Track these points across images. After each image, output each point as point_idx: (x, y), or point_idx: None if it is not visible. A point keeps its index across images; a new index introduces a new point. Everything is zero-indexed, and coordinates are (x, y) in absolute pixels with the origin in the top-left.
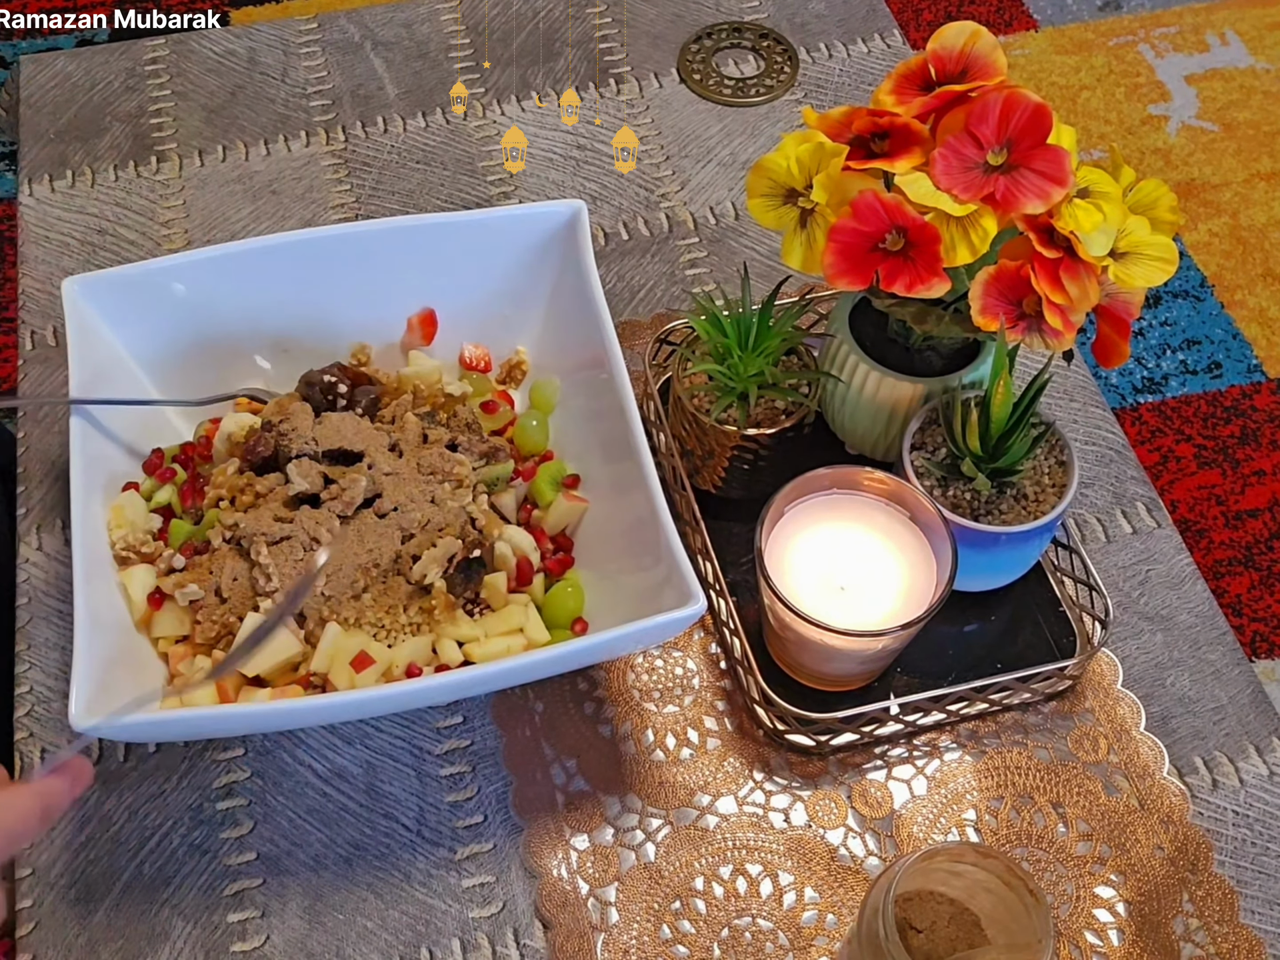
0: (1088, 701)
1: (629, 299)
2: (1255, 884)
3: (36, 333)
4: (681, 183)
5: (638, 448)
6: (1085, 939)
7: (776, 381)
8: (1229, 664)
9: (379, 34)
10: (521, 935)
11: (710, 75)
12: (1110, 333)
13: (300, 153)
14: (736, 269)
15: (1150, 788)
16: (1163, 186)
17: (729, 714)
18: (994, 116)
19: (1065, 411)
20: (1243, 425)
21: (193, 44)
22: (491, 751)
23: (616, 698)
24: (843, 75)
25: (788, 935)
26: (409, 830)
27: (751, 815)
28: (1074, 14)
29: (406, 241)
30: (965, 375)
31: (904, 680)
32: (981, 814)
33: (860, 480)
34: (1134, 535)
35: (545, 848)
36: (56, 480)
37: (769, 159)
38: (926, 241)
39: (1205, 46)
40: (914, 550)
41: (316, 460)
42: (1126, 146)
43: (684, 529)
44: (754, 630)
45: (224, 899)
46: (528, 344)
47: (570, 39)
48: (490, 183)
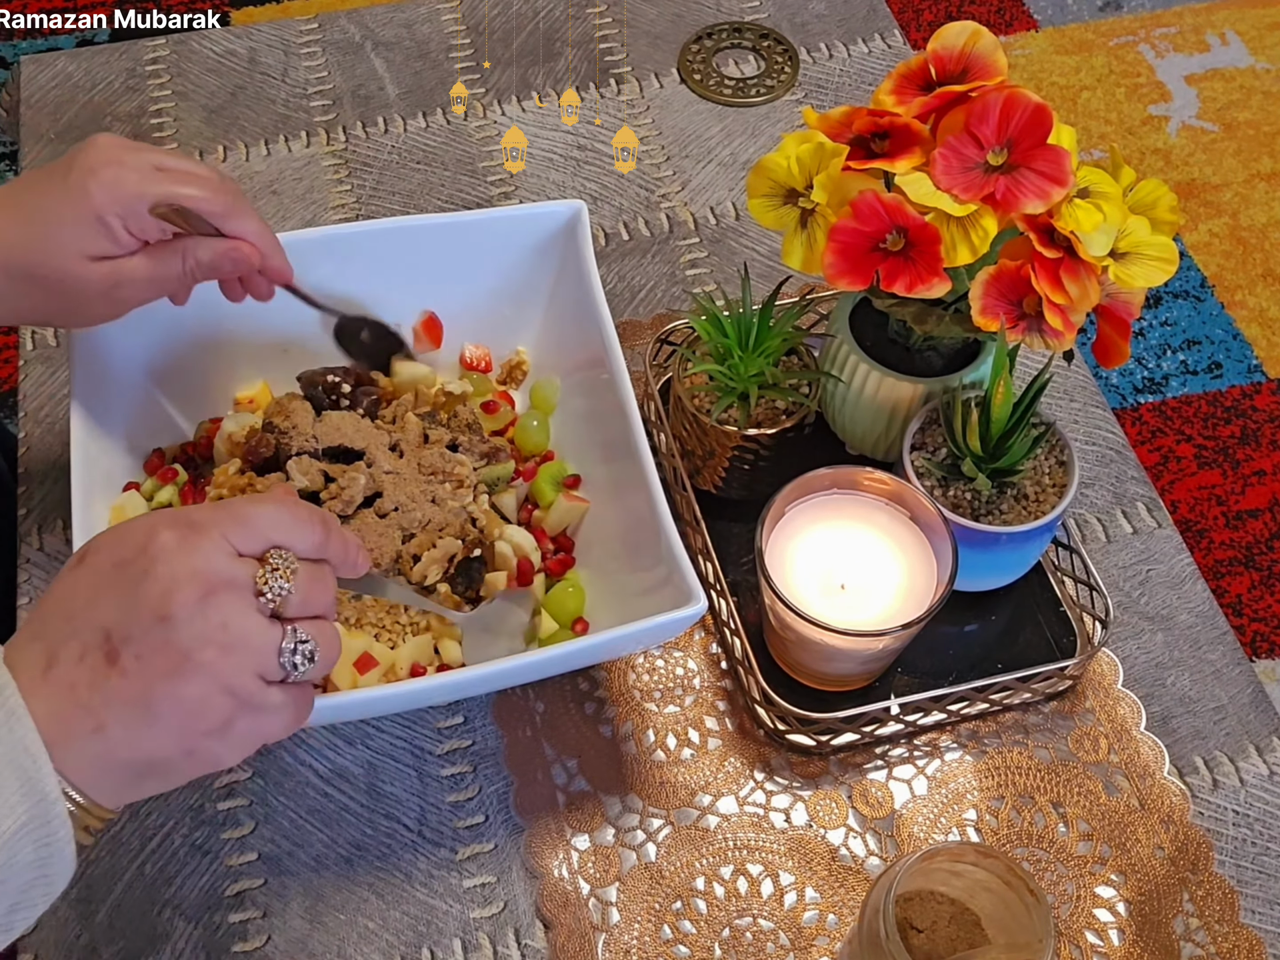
0: (1088, 701)
1: (629, 299)
2: (1255, 884)
3: (37, 333)
4: (682, 183)
5: (638, 448)
6: (1085, 939)
7: (777, 382)
8: (1229, 664)
9: (379, 34)
10: (523, 935)
11: (711, 75)
12: (1110, 333)
13: (300, 153)
14: (737, 269)
15: (1150, 788)
16: (1163, 187)
17: (730, 714)
18: (994, 116)
19: (1065, 411)
20: (1243, 425)
21: (193, 44)
22: (492, 752)
23: (617, 698)
24: (843, 75)
25: (789, 935)
26: (410, 830)
27: (752, 815)
28: (1074, 14)
29: (407, 242)
30: (966, 375)
31: (905, 680)
32: (982, 814)
33: (861, 480)
34: (1134, 535)
35: (546, 848)
36: (57, 480)
37: (769, 159)
38: (927, 241)
39: (1205, 46)
40: (914, 550)
41: (316, 458)
42: (1127, 147)
43: (684, 529)
44: (755, 630)
45: (225, 899)
46: (528, 344)
47: (570, 39)
48: (490, 183)
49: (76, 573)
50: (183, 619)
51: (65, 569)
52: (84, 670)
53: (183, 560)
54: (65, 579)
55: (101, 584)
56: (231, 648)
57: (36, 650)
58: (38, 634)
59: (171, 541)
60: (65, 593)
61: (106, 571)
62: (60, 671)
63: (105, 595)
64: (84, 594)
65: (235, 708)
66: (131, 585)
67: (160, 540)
